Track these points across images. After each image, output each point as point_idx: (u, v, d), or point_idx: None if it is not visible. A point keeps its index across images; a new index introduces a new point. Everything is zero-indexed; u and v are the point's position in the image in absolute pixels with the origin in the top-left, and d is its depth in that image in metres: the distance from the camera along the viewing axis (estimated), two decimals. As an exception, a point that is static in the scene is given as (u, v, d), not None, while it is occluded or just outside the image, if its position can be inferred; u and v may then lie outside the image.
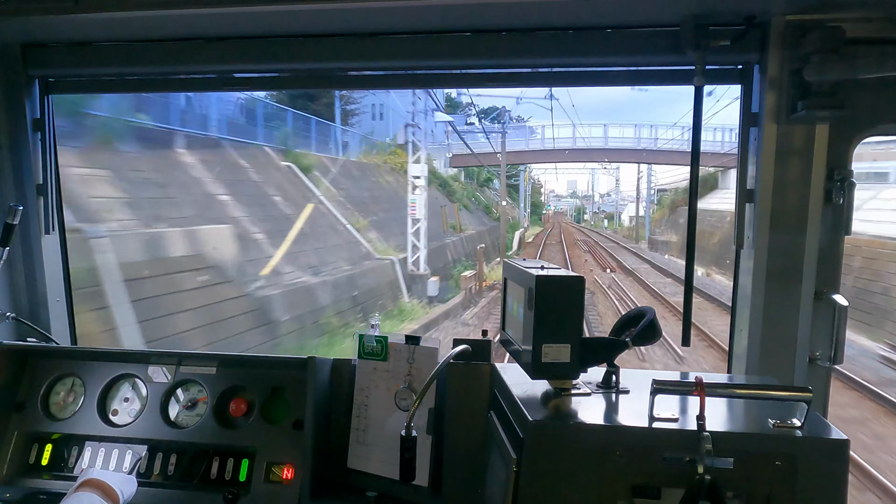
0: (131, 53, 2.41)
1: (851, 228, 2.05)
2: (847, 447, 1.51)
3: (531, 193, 63.06)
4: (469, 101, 42.11)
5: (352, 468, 2.22)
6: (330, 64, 2.37)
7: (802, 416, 1.55)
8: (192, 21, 2.21)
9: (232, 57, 2.36)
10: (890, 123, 2.05)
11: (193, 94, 14.68)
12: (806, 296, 2.08)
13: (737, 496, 1.52)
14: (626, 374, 1.90)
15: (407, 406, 2.14)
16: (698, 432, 1.49)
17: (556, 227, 63.57)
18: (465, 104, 45.08)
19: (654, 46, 2.11)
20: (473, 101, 42.99)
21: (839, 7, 1.89)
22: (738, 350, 2.26)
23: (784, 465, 1.50)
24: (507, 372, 2.01)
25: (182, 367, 2.37)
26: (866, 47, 1.85)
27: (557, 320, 1.71)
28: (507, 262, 2.02)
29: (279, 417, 2.26)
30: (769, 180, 2.06)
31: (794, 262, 2.07)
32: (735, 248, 2.21)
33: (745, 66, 2.13)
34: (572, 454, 1.58)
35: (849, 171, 2.05)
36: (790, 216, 2.07)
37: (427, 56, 2.26)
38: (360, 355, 2.25)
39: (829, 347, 2.08)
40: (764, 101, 2.04)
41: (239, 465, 2.19)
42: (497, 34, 2.19)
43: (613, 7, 2.02)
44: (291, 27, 2.27)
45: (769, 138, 2.05)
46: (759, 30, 2.00)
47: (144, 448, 2.26)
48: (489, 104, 43.57)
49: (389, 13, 2.10)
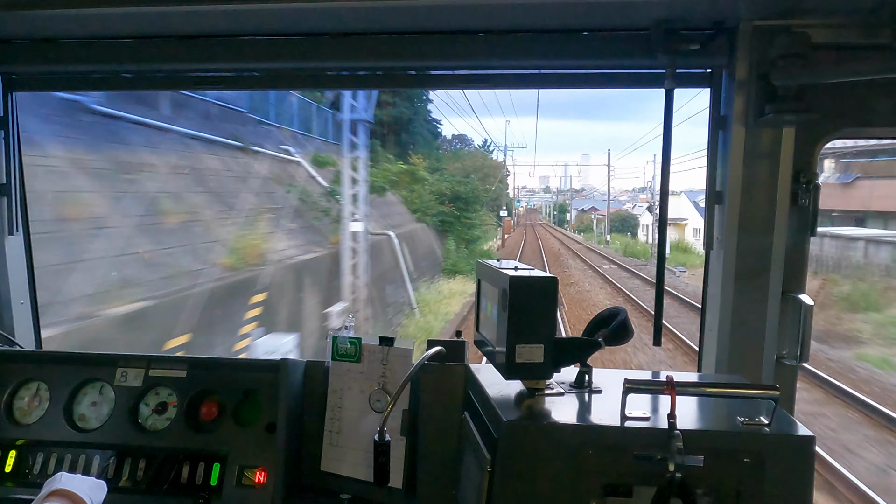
0: (98, 50, 2.36)
1: (816, 230, 2.10)
2: (813, 443, 1.55)
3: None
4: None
5: (325, 471, 2.20)
6: (299, 64, 2.35)
7: (770, 413, 1.59)
8: (161, 18, 2.17)
9: (203, 55, 2.32)
10: (853, 127, 2.10)
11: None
12: (773, 295, 2.12)
13: (706, 493, 1.54)
14: (598, 374, 1.92)
15: (381, 407, 2.13)
16: (669, 431, 1.51)
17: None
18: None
19: (626, 50, 2.14)
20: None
21: (805, 13, 1.93)
22: (707, 349, 2.29)
23: (752, 461, 1.53)
24: (482, 372, 2.01)
25: (151, 371, 2.33)
26: (831, 52, 1.90)
27: (531, 321, 1.72)
28: (481, 263, 2.02)
29: (251, 420, 2.24)
30: (737, 182, 2.10)
31: (761, 263, 2.11)
32: (705, 250, 2.25)
33: (714, 69, 2.16)
34: (546, 454, 1.59)
35: (814, 173, 2.09)
36: (758, 218, 2.10)
37: (399, 57, 2.26)
38: (334, 357, 2.24)
39: (795, 346, 2.12)
40: (732, 105, 2.08)
41: (210, 470, 2.16)
42: (471, 36, 2.19)
43: (586, 10, 2.04)
44: (262, 26, 2.24)
45: (737, 141, 2.09)
46: (727, 35, 2.04)
47: (112, 453, 2.22)
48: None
49: (362, 13, 2.09)
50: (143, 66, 2.41)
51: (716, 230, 2.19)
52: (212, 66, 2.39)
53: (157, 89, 3.08)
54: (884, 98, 2.03)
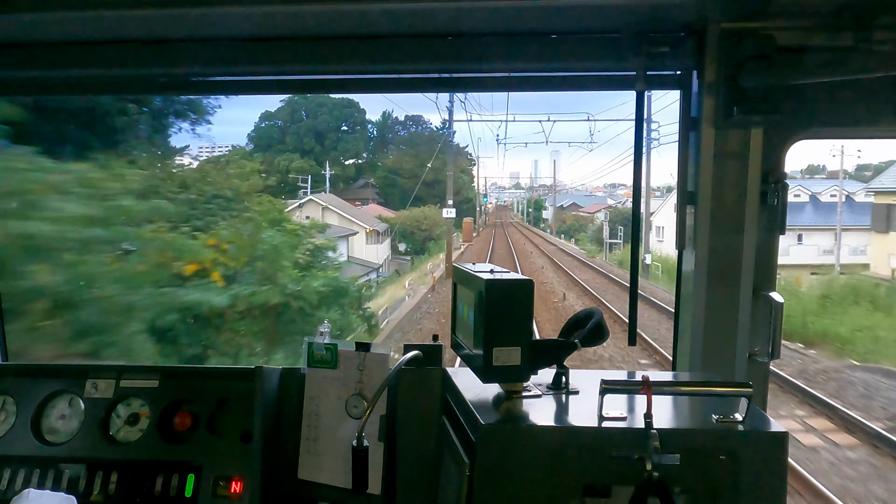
0: (63, 55, 2.30)
1: (785, 229, 2.13)
2: (786, 439, 1.57)
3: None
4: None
5: (303, 479, 2.17)
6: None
7: (743, 410, 1.61)
8: (127, 22, 2.13)
9: (168, 60, 2.28)
10: (820, 127, 2.14)
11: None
12: (745, 294, 2.15)
13: (684, 491, 1.56)
14: (575, 375, 1.93)
15: (358, 414, 2.11)
16: (646, 430, 1.52)
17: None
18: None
19: (598, 53, 2.15)
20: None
21: (771, 16, 1.96)
22: (682, 348, 2.32)
23: (728, 458, 1.54)
24: (459, 376, 2.01)
25: (122, 381, 2.28)
26: (796, 54, 1.93)
27: (508, 323, 1.72)
28: (457, 267, 2.02)
29: (226, 430, 2.20)
30: (708, 183, 2.12)
31: (732, 262, 2.14)
32: (677, 250, 2.27)
33: (683, 72, 2.19)
34: (524, 456, 1.59)
35: (782, 173, 2.13)
36: (729, 217, 2.13)
37: (370, 60, 2.25)
38: (310, 364, 2.21)
39: (766, 343, 2.15)
40: (702, 106, 2.10)
41: (185, 481, 2.12)
42: (442, 39, 2.19)
43: (557, 14, 2.05)
44: (230, 30, 2.21)
45: (707, 142, 2.11)
46: (696, 38, 2.06)
47: (83, 467, 2.16)
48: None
49: (325, 17, 2.07)
50: (109, 71, 2.35)
51: (688, 230, 2.22)
52: (173, 70, 2.34)
53: (124, 94, 3.01)
54: (848, 99, 2.08)
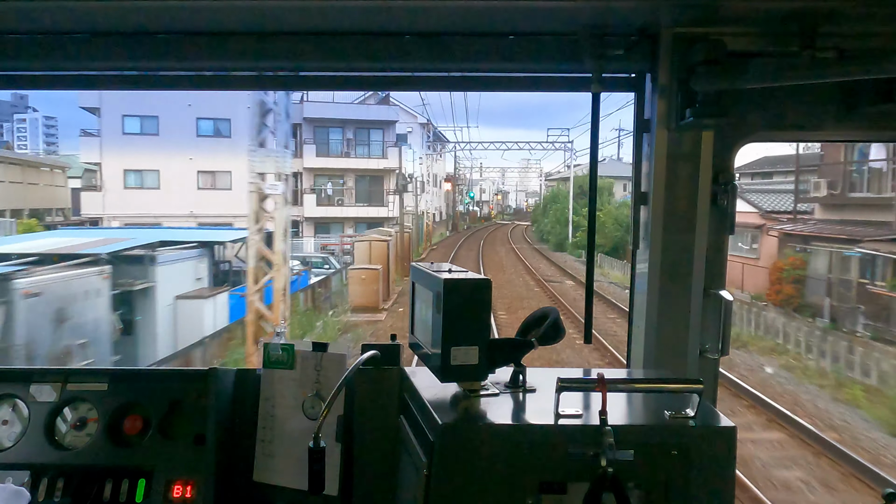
0: (40, 47, 2.20)
1: (735, 229, 2.20)
2: (735, 434, 1.62)
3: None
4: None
5: (258, 481, 2.14)
6: (219, 63, 2.26)
7: (695, 406, 1.65)
8: (99, 14, 2.05)
9: (137, 54, 2.20)
10: (768, 130, 2.21)
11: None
12: (696, 292, 2.20)
13: (637, 486, 1.59)
14: (532, 373, 1.95)
15: (315, 414, 2.09)
16: (601, 427, 1.55)
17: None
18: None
19: (554, 54, 2.17)
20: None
21: (722, 22, 2.01)
22: (635, 346, 2.36)
23: (679, 453, 1.58)
24: (417, 376, 2.01)
25: (69, 385, 2.20)
26: (745, 60, 1.99)
27: (466, 323, 1.72)
28: (415, 266, 2.02)
29: (179, 433, 2.15)
30: (661, 184, 2.17)
31: (684, 261, 2.19)
32: (631, 249, 2.32)
33: (637, 74, 2.22)
34: (482, 455, 1.60)
35: (731, 174, 2.19)
36: (681, 218, 2.18)
37: (324, 58, 2.22)
38: (266, 364, 2.18)
39: (717, 340, 2.21)
40: (655, 109, 2.14)
41: (135, 486, 2.06)
42: (399, 38, 2.18)
43: (514, 14, 2.06)
44: (198, 24, 2.14)
45: (660, 144, 2.16)
46: (650, 41, 2.10)
47: (27, 473, 2.08)
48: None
49: (276, 12, 2.03)
50: (82, 63, 2.26)
51: (641, 230, 2.26)
52: (143, 64, 2.27)
53: (98, 88, 2.90)
54: (794, 104, 2.15)
